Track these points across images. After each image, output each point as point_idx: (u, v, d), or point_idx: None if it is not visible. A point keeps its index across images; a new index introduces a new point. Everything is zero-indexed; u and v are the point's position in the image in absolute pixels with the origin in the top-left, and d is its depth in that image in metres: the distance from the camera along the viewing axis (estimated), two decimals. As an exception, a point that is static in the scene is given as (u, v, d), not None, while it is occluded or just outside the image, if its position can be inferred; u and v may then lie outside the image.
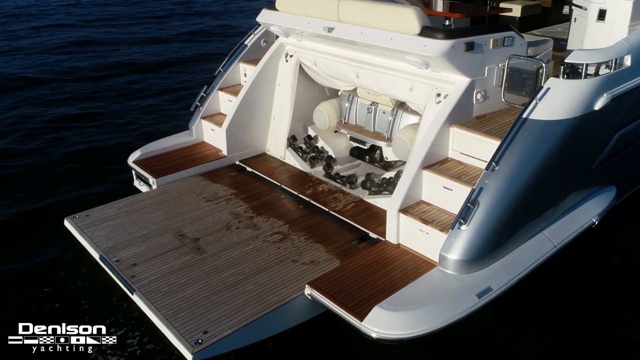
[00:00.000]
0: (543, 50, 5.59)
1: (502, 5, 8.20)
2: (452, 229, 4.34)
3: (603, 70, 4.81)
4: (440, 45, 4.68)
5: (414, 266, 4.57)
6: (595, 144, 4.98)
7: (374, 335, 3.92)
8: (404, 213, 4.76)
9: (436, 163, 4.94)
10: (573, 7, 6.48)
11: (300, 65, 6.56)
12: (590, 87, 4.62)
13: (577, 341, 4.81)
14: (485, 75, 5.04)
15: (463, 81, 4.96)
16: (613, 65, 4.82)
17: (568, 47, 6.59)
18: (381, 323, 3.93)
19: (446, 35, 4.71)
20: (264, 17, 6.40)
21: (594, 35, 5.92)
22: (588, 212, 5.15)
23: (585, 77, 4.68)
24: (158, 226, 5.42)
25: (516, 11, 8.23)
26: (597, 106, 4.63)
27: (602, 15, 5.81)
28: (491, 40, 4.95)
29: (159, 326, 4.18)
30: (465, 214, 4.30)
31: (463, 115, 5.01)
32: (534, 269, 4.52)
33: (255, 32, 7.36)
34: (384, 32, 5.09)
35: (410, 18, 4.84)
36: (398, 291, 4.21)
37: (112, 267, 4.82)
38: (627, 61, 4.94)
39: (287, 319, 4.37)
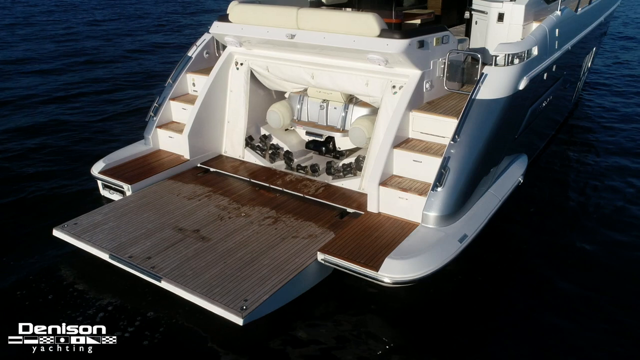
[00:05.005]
0: (465, 47, 6.80)
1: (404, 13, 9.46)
2: (432, 191, 5.31)
3: (515, 60, 6.07)
4: (400, 44, 5.64)
5: (399, 227, 5.46)
6: (518, 117, 6.24)
7: (387, 280, 4.76)
8: (384, 185, 5.64)
9: (402, 142, 5.89)
10: (474, 12, 7.82)
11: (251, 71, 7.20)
12: (516, 72, 5.85)
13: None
14: (431, 68, 6.10)
15: (416, 74, 5.97)
16: (525, 55, 6.10)
17: (471, 45, 7.90)
18: (394, 270, 4.77)
19: (402, 36, 5.69)
20: (217, 28, 6.95)
21: (495, 34, 7.24)
22: (515, 174, 6.40)
23: (507, 65, 5.91)
24: (153, 224, 5.77)
25: (417, 18, 9.53)
26: (521, 86, 5.87)
27: (501, 17, 7.15)
28: (435, 38, 6.03)
29: (200, 304, 4.64)
30: (439, 178, 5.30)
31: (417, 102, 6.02)
32: (490, 217, 5.63)
33: (197, 44, 7.86)
34: (345, 35, 5.94)
35: (370, 22, 5.75)
36: (397, 246, 5.08)
37: (128, 263, 5.13)
38: (535, 51, 6.27)
39: (307, 281, 5.08)
